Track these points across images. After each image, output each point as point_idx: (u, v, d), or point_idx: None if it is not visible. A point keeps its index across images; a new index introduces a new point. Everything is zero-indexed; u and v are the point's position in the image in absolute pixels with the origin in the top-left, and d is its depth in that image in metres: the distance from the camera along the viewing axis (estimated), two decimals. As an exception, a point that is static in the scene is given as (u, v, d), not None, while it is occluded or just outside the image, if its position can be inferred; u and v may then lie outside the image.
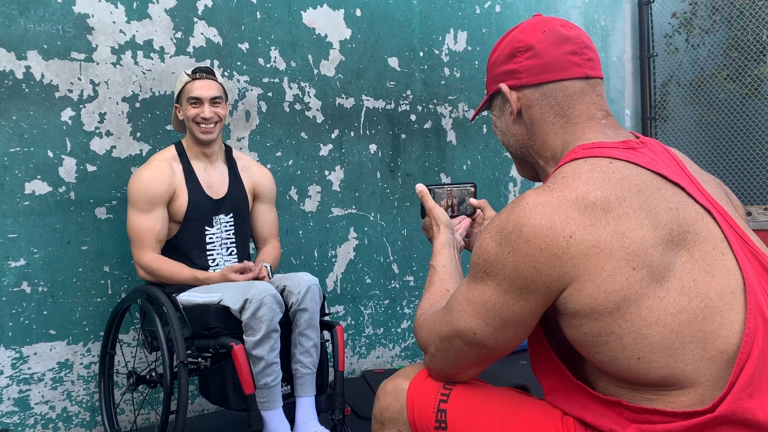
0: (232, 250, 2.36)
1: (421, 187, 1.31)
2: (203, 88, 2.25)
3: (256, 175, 2.47)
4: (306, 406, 2.12)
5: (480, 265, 0.96)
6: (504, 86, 1.09)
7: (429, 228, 1.29)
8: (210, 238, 2.31)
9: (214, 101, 2.26)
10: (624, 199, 0.91)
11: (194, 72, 2.27)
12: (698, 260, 0.90)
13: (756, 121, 4.30)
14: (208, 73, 2.29)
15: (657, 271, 0.88)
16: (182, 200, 2.26)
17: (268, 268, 2.31)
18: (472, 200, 1.36)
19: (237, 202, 2.38)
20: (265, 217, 2.50)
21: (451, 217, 1.33)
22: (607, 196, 0.91)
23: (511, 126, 1.12)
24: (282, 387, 2.11)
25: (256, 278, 2.20)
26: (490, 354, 0.99)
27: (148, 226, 2.20)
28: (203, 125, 2.25)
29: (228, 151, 2.45)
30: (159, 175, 2.23)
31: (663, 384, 0.88)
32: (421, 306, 1.16)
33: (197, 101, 2.24)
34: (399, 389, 1.15)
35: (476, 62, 3.68)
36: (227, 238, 2.35)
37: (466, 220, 1.35)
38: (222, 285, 2.13)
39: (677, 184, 0.96)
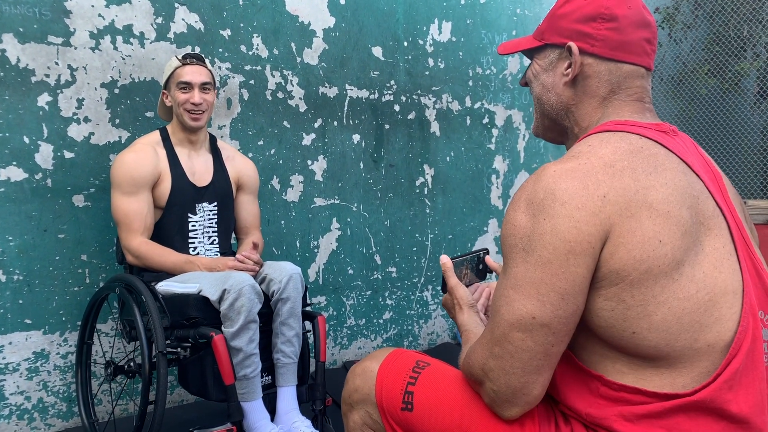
0: (214, 239, 2.34)
1: (446, 261, 1.20)
2: (194, 74, 2.24)
3: (240, 165, 2.47)
4: (287, 395, 2.12)
5: (515, 244, 0.93)
6: (575, 47, 1.04)
7: (451, 307, 1.20)
8: (192, 226, 2.29)
9: (204, 87, 2.26)
10: (650, 173, 0.92)
11: (185, 57, 2.27)
12: (709, 254, 0.93)
13: (736, 116, 4.34)
14: (198, 59, 2.29)
15: (677, 251, 0.89)
16: (165, 186, 2.24)
17: None
18: (489, 261, 1.29)
19: (221, 191, 2.36)
20: (248, 209, 2.49)
21: (467, 285, 1.26)
22: (634, 167, 0.92)
23: (559, 86, 1.08)
24: (263, 377, 2.10)
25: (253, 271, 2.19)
26: (556, 340, 0.91)
27: (135, 209, 2.17)
28: (192, 112, 2.24)
29: (213, 140, 2.44)
30: (143, 157, 2.21)
31: (646, 358, 0.90)
32: (462, 352, 1.09)
33: (187, 86, 2.24)
34: (368, 372, 1.17)
35: (460, 53, 3.67)
36: (209, 227, 2.33)
37: (486, 289, 1.28)
38: (200, 275, 2.10)
39: (699, 178, 0.98)
